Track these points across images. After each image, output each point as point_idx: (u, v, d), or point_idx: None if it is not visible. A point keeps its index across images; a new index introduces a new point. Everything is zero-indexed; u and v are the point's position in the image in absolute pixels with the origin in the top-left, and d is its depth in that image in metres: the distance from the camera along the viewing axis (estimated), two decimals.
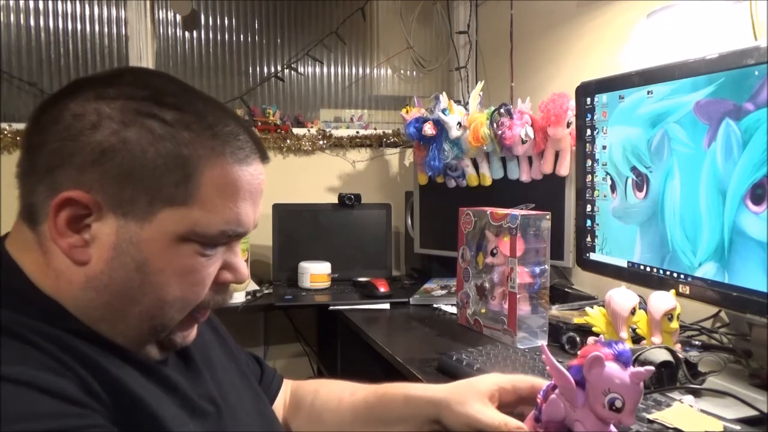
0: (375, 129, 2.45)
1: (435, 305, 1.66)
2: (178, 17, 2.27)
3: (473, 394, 0.72)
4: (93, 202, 0.53)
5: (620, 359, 0.59)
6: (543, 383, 0.72)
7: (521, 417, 0.70)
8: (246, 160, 0.58)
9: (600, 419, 0.60)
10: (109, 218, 0.54)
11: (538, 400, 0.67)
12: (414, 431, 0.76)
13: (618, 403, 0.58)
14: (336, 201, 2.12)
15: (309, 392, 0.86)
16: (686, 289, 1.03)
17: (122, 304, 0.55)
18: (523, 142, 1.61)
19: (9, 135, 2.01)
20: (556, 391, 0.64)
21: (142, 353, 0.58)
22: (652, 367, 0.59)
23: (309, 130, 2.35)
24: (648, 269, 1.13)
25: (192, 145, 0.55)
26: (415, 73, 2.55)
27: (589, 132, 1.27)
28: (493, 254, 1.33)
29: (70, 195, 0.53)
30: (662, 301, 1.01)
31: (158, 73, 0.61)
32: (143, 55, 2.21)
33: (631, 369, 0.59)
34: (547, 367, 0.65)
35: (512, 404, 0.75)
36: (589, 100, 1.26)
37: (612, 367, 0.59)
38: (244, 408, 0.69)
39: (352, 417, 0.80)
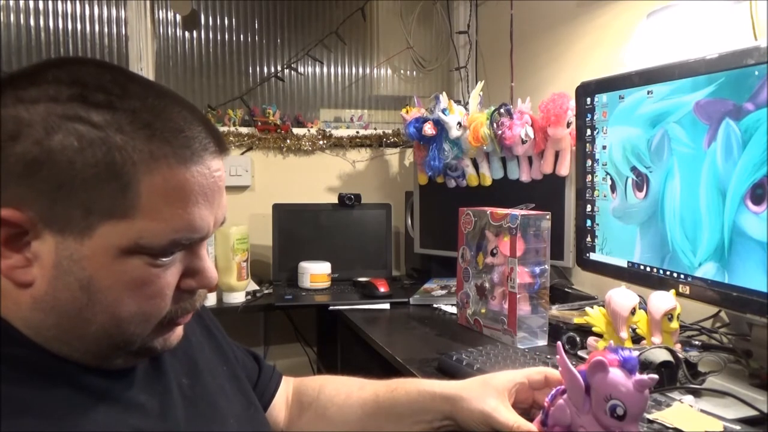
0: (375, 129, 2.45)
1: (435, 305, 1.66)
2: (178, 17, 2.27)
3: (489, 390, 0.71)
4: (26, 219, 0.48)
5: (625, 366, 0.58)
6: (554, 372, 0.71)
7: (532, 419, 0.70)
8: (193, 159, 0.52)
9: (603, 426, 0.59)
10: (47, 235, 0.49)
11: (545, 404, 0.67)
12: (425, 427, 0.74)
13: (619, 411, 0.57)
14: (336, 201, 2.12)
15: (313, 388, 0.85)
16: (686, 289, 1.03)
17: (74, 324, 0.51)
18: (523, 142, 1.61)
19: None
20: (564, 396, 0.64)
21: (105, 364, 0.55)
22: (656, 376, 0.57)
23: (309, 130, 2.35)
24: (648, 269, 1.13)
25: (125, 149, 0.49)
26: (415, 73, 2.55)
27: (589, 132, 1.27)
28: (493, 254, 1.33)
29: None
30: (662, 301, 1.01)
31: (90, 62, 0.53)
32: (143, 55, 2.21)
33: (636, 376, 0.57)
34: (559, 368, 0.65)
35: (527, 399, 0.75)
36: (589, 100, 1.26)
37: (615, 374, 0.58)
38: (233, 413, 0.67)
39: (361, 412, 0.79)
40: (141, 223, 0.50)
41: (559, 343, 0.68)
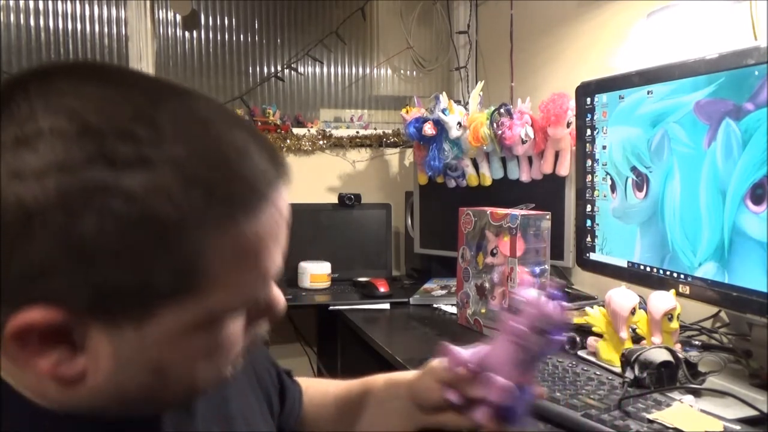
0: (375, 129, 2.45)
1: (435, 305, 1.66)
2: (178, 17, 2.27)
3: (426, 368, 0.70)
4: (62, 317, 0.37)
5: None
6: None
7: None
8: (261, 204, 0.41)
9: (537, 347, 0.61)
10: (94, 326, 0.39)
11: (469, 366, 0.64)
12: (397, 420, 0.72)
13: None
14: (336, 201, 2.12)
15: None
16: (686, 289, 1.03)
17: (143, 402, 0.44)
18: (523, 142, 1.61)
19: None
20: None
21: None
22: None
23: (309, 130, 2.34)
24: (648, 269, 1.13)
25: (179, 223, 0.37)
26: (415, 73, 2.55)
27: (589, 132, 1.27)
28: (493, 254, 1.33)
29: (27, 319, 0.37)
30: (662, 301, 1.01)
31: (83, 76, 0.39)
32: (143, 55, 2.21)
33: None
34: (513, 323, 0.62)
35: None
36: (589, 100, 1.26)
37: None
38: None
39: (335, 408, 0.79)
40: (210, 295, 0.40)
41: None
